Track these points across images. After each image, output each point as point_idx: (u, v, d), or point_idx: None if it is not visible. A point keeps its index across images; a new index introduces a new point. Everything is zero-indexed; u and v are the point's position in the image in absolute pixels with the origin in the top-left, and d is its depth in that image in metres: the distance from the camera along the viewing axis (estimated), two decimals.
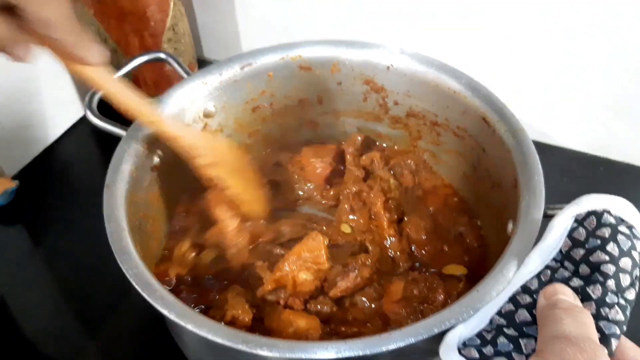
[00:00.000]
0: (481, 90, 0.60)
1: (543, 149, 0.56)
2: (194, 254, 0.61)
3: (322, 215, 0.67)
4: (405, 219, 0.66)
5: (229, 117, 0.68)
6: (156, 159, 0.60)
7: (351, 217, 0.66)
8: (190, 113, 0.64)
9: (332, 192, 0.69)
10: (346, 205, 0.66)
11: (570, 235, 0.45)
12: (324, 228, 0.64)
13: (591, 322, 0.38)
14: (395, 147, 0.73)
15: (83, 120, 1.00)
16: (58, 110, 0.96)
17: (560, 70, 0.81)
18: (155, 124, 0.55)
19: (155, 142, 0.60)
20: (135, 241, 0.51)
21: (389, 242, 0.63)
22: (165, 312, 0.44)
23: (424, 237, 0.63)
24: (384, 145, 0.74)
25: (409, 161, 0.70)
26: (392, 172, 0.70)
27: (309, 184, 0.70)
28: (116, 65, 0.84)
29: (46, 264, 0.81)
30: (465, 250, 0.62)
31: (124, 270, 0.47)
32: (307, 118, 0.73)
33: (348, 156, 0.68)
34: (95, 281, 0.78)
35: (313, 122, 0.73)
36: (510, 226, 0.52)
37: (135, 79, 0.92)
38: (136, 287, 0.46)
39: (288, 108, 0.71)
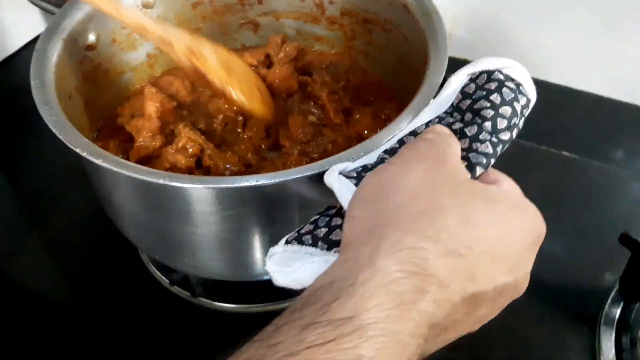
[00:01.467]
0: None
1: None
2: None
3: None
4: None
5: (168, 10, 0.70)
6: (91, 37, 0.63)
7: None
8: (127, 0, 0.66)
9: None
10: (295, 97, 0.69)
11: (462, 90, 0.48)
12: None
13: (456, 142, 0.41)
14: (333, 50, 0.76)
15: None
16: (17, 19, 0.96)
17: None
18: (118, 17, 0.55)
19: (90, 21, 0.62)
20: (61, 105, 0.53)
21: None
22: (79, 150, 0.47)
23: (369, 127, 0.66)
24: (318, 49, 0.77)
25: (343, 62, 0.73)
26: (327, 72, 0.73)
27: None
28: None
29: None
30: None
31: (44, 117, 0.49)
32: (247, 18, 0.75)
33: (273, 56, 0.71)
34: (41, 180, 0.81)
35: (254, 22, 0.76)
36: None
37: None
38: (54, 130, 0.48)
39: (228, 6, 0.73)
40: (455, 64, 0.51)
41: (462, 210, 0.33)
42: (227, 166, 0.61)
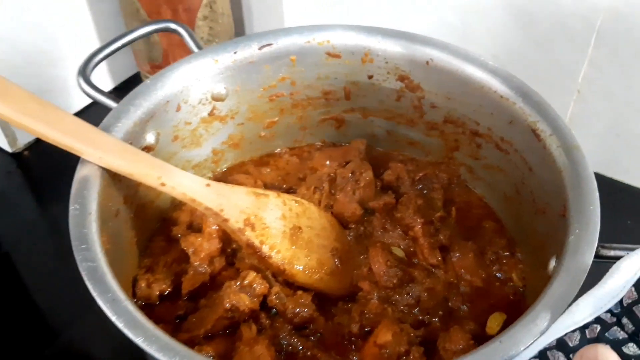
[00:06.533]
0: (533, 97, 0.51)
1: (603, 183, 0.45)
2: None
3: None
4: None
5: (242, 102, 0.60)
6: (150, 138, 0.53)
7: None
8: (195, 93, 0.56)
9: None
10: (375, 220, 0.57)
11: (638, 286, 0.35)
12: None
13: None
14: (428, 158, 0.64)
15: (111, 92, 0.95)
16: None
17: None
18: (164, 190, 0.47)
19: (150, 119, 0.53)
20: (103, 230, 0.44)
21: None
22: (114, 319, 0.37)
23: (471, 269, 0.54)
24: (409, 154, 0.65)
25: (440, 174, 0.61)
26: (419, 187, 0.60)
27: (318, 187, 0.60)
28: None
29: (50, 231, 0.78)
30: (504, 285, 0.53)
31: (78, 262, 0.39)
32: (331, 113, 0.64)
33: (352, 163, 0.60)
34: None
35: (338, 119, 0.65)
36: (552, 263, 0.43)
37: (165, 55, 0.85)
38: (87, 283, 0.38)
39: (311, 100, 0.63)
40: None
41: None
42: (297, 310, 0.49)
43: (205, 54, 0.56)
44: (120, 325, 0.36)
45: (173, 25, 0.59)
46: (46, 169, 0.84)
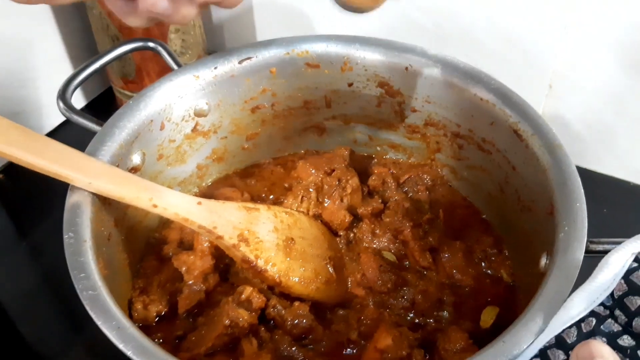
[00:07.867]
0: (513, 98, 0.52)
1: (579, 173, 0.47)
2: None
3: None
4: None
5: (224, 116, 0.60)
6: (136, 159, 0.53)
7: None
8: (178, 110, 0.56)
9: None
10: (365, 226, 0.58)
11: (627, 278, 0.36)
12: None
13: None
14: (411, 160, 0.65)
15: (84, 109, 0.93)
16: (54, 98, 0.89)
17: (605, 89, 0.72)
18: (157, 212, 0.47)
19: (135, 140, 0.52)
20: (99, 256, 0.43)
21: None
22: (122, 347, 0.36)
23: (461, 268, 0.55)
24: (391, 157, 0.66)
25: (424, 176, 0.62)
26: (404, 190, 0.62)
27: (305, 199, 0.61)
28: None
29: (30, 256, 0.76)
30: (494, 281, 0.54)
31: (79, 293, 0.39)
32: (312, 122, 0.65)
33: (338, 171, 0.60)
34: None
35: (319, 127, 0.66)
36: (544, 260, 0.44)
37: (138, 70, 0.84)
38: (90, 313, 0.38)
39: (292, 110, 0.63)
40: None
41: None
42: (296, 321, 0.50)
43: (186, 70, 0.56)
44: (128, 352, 0.36)
45: (151, 44, 0.59)
46: (23, 192, 0.82)
